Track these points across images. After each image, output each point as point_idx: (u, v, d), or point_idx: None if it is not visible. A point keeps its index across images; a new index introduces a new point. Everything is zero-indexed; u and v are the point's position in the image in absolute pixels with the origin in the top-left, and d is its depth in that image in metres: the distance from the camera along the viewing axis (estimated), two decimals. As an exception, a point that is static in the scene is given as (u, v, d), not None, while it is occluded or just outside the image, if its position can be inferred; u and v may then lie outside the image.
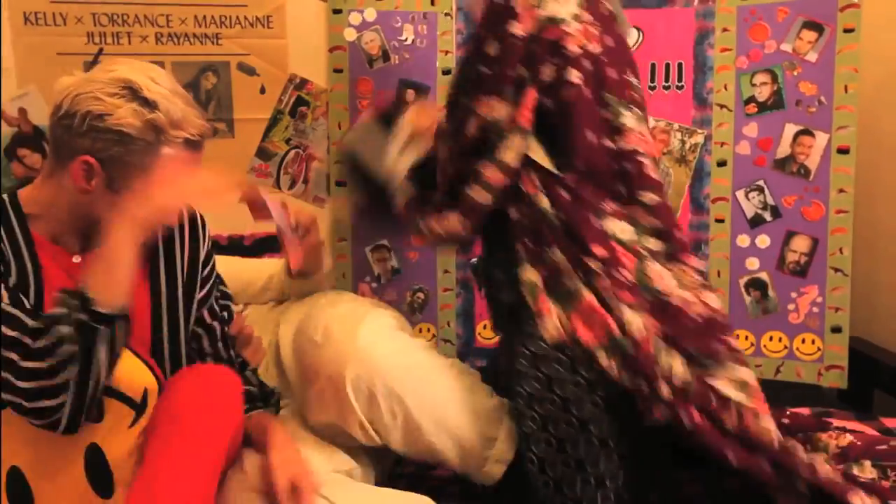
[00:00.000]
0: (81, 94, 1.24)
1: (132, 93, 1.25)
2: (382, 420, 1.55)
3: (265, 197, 1.54)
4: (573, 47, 1.53)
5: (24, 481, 1.21)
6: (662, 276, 1.54)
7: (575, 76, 1.53)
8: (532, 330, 1.54)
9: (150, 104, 1.25)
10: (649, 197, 1.59)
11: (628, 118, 1.59)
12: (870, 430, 1.90)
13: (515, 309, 1.60)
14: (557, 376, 1.50)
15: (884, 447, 1.77)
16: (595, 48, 1.56)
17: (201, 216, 1.49)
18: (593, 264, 1.52)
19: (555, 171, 1.56)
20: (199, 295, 1.45)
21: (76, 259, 1.33)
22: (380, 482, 1.66)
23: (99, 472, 1.25)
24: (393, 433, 1.57)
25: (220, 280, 1.54)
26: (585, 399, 1.50)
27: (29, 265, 1.28)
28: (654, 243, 1.58)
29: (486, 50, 1.56)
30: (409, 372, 1.58)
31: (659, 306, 1.52)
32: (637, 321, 1.49)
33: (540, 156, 1.57)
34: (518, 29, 1.52)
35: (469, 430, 1.60)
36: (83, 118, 1.23)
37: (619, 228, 1.56)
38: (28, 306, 1.23)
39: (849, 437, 1.80)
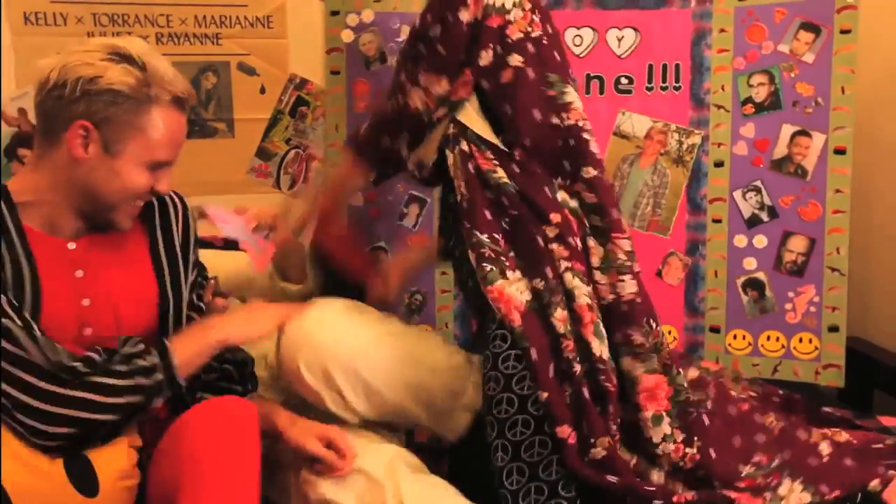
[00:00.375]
0: (70, 64, 1.26)
1: (119, 55, 1.28)
2: (348, 398, 1.59)
3: (209, 212, 1.61)
4: (515, 34, 1.62)
5: (3, 492, 1.17)
6: (595, 254, 1.62)
7: (516, 60, 1.62)
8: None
9: (137, 63, 1.28)
10: (590, 172, 1.65)
11: (571, 95, 1.66)
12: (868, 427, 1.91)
13: None
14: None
15: (879, 445, 1.77)
16: (537, 32, 1.64)
17: (184, 199, 1.51)
18: (550, 231, 1.58)
19: (504, 147, 1.63)
20: (191, 277, 1.48)
21: (71, 245, 1.34)
22: None
23: (81, 471, 1.23)
24: (359, 405, 1.61)
25: (201, 262, 1.57)
26: None
27: (23, 258, 1.28)
28: (593, 219, 1.65)
29: (430, 33, 1.64)
30: (357, 343, 1.61)
31: (592, 279, 1.60)
32: (583, 293, 1.55)
33: (489, 134, 1.64)
34: (465, 15, 1.60)
35: (433, 385, 1.65)
36: (75, 84, 1.25)
37: (568, 198, 1.63)
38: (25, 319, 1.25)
39: (845, 435, 1.80)
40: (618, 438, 1.53)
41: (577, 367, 1.51)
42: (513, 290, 1.53)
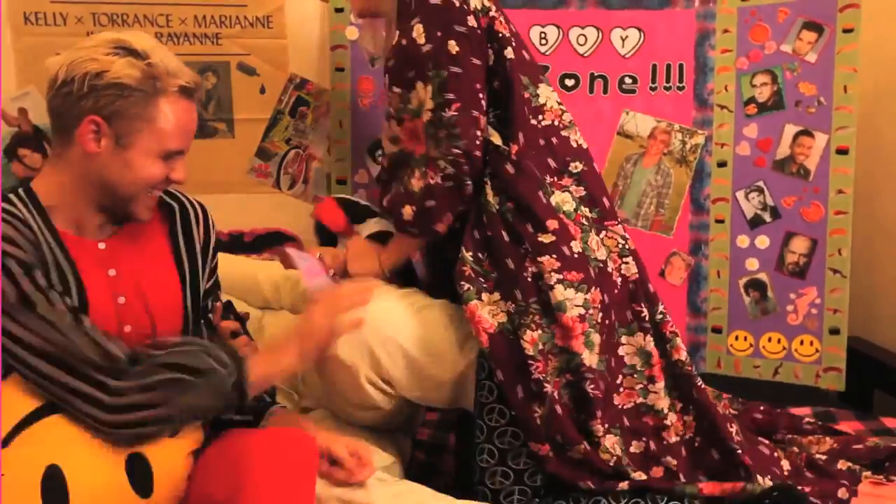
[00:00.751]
0: (76, 60, 1.26)
1: (124, 49, 1.27)
2: (386, 368, 1.58)
3: (299, 257, 1.66)
4: (502, 30, 1.63)
5: (62, 480, 1.18)
6: (599, 246, 1.63)
7: (510, 52, 1.63)
8: None
9: (142, 55, 1.28)
10: (577, 166, 1.67)
11: (544, 96, 1.67)
12: (848, 430, 1.92)
13: None
14: None
15: (859, 447, 1.79)
16: (507, 34, 1.65)
17: (206, 208, 1.51)
18: (546, 238, 1.57)
19: (500, 143, 1.61)
20: (206, 285, 1.47)
21: (101, 245, 1.34)
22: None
23: (140, 473, 1.24)
24: (399, 377, 1.59)
25: (218, 279, 1.55)
26: None
27: (64, 261, 1.28)
28: (587, 212, 1.66)
29: (451, 51, 1.57)
30: (393, 315, 1.60)
31: (601, 274, 1.60)
32: (573, 304, 1.55)
33: (491, 132, 1.62)
34: (473, 21, 1.59)
35: (465, 359, 1.61)
36: (82, 80, 1.25)
37: (562, 200, 1.63)
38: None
39: (828, 442, 1.81)
40: (603, 438, 1.55)
41: (549, 387, 1.53)
42: (484, 313, 1.56)
